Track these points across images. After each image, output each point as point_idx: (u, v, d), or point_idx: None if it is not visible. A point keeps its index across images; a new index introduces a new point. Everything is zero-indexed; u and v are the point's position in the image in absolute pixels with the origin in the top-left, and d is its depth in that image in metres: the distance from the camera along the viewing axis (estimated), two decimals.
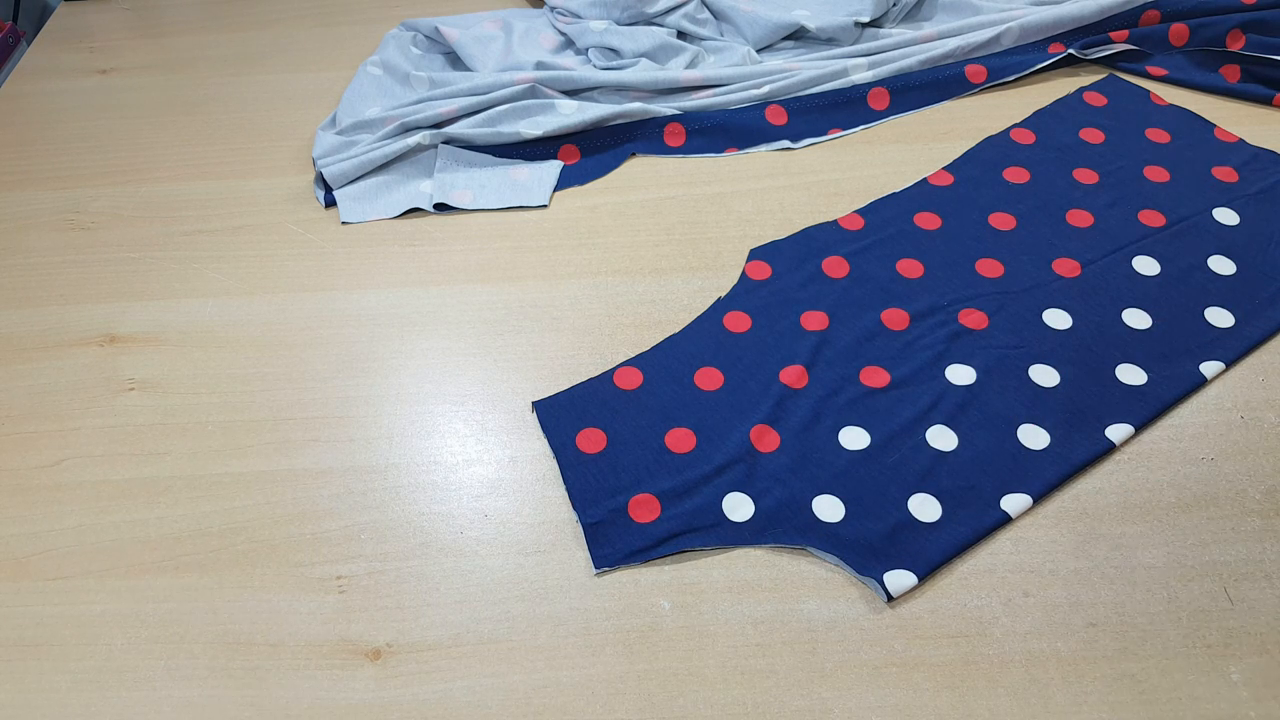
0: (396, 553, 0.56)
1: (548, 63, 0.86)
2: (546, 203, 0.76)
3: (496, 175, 0.79)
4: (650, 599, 0.53)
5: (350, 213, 0.77)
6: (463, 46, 0.89)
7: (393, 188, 0.78)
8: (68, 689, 0.51)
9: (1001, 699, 0.48)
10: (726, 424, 0.60)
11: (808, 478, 0.57)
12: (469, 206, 0.76)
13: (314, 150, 0.81)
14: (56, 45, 1.01)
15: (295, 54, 0.97)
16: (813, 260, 0.70)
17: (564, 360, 0.66)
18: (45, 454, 0.62)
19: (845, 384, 0.61)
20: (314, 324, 0.69)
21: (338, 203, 0.78)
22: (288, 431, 0.62)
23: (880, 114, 0.82)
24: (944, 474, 0.56)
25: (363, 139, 0.81)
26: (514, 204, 0.76)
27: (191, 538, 0.57)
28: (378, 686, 0.50)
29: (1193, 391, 0.60)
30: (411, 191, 0.78)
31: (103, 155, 0.86)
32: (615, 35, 0.87)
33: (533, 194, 0.77)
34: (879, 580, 0.52)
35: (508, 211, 0.77)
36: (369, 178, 0.79)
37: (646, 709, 0.49)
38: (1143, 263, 0.68)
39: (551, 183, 0.78)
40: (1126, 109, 0.81)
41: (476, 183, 0.78)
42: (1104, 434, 0.58)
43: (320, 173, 0.78)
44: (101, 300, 0.72)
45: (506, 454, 0.61)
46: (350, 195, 0.78)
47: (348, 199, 0.77)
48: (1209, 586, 0.52)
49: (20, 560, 0.57)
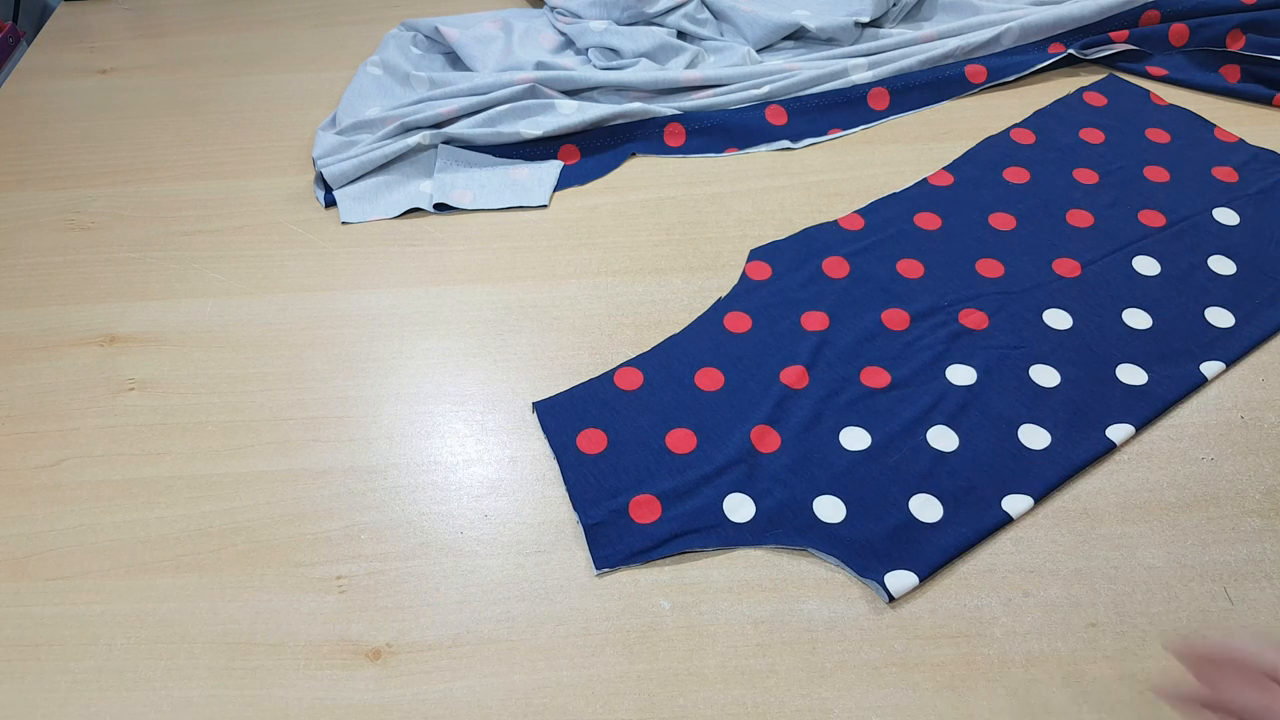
0: (397, 553, 0.56)
1: (548, 63, 0.86)
2: (546, 203, 0.76)
3: (496, 175, 0.79)
4: (650, 599, 0.53)
5: (350, 213, 0.77)
6: (463, 46, 0.89)
7: (393, 188, 0.78)
8: (68, 689, 0.51)
9: (1001, 699, 0.48)
10: (727, 424, 0.60)
11: (808, 478, 0.57)
12: (469, 206, 0.76)
13: (314, 151, 0.81)
14: (56, 45, 1.01)
15: (295, 54, 0.97)
16: (813, 260, 0.70)
17: (564, 360, 0.66)
18: (45, 454, 0.62)
19: (846, 384, 0.61)
20: (314, 324, 0.69)
21: (338, 203, 0.78)
22: (288, 431, 0.62)
23: (880, 114, 0.82)
24: (945, 474, 0.56)
25: (363, 139, 0.81)
26: (514, 204, 0.76)
27: (191, 538, 0.57)
28: (378, 686, 0.50)
29: (1193, 391, 0.60)
30: (411, 192, 0.78)
31: (103, 155, 0.86)
32: (615, 35, 0.87)
33: (533, 194, 0.77)
34: (880, 582, 0.52)
35: (508, 211, 0.77)
36: (369, 178, 0.79)
37: (646, 709, 0.49)
38: (1143, 263, 0.68)
39: (551, 183, 0.78)
40: (1127, 109, 0.81)
41: (476, 183, 0.78)
42: (1105, 434, 0.58)
43: (320, 173, 0.78)
44: (101, 300, 0.72)
45: (506, 454, 0.61)
46: (350, 195, 0.78)
47: (348, 199, 0.77)
48: (1209, 586, 0.52)
49: (20, 560, 0.57)
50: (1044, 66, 0.84)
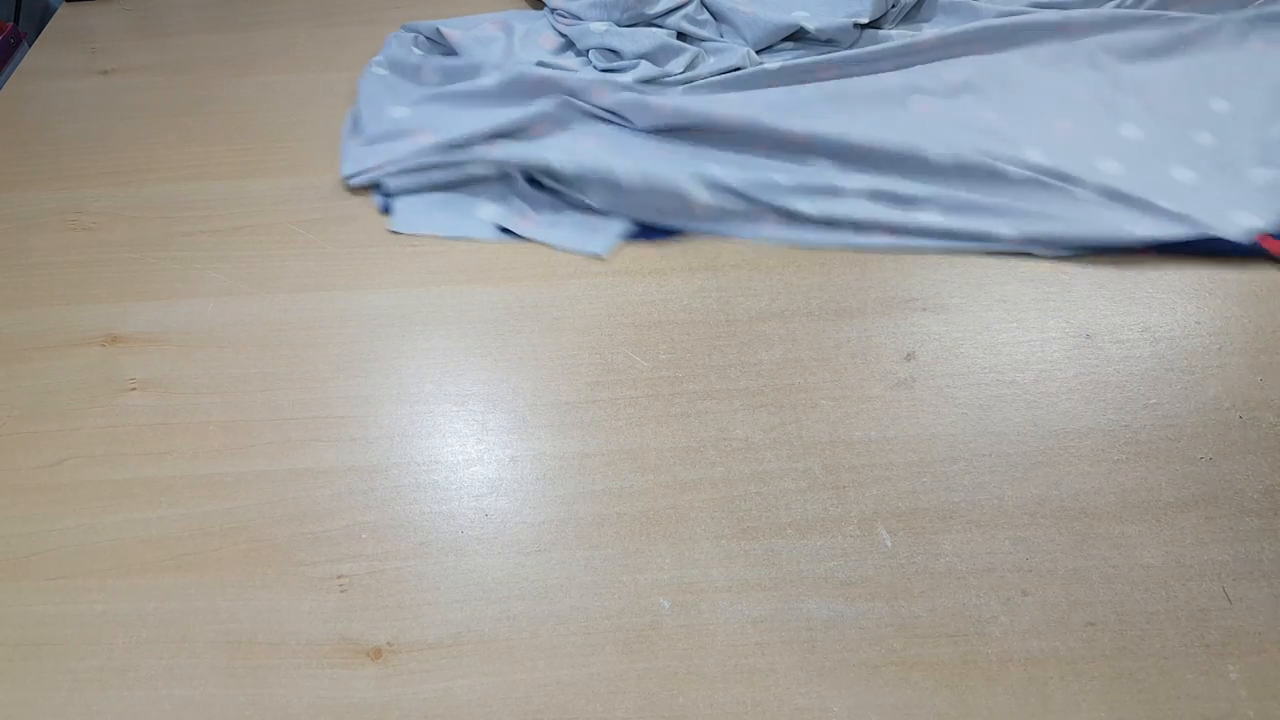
0: (397, 552, 0.56)
1: (549, 63, 0.86)
2: (604, 253, 0.73)
3: (565, 216, 0.76)
4: (650, 598, 0.53)
5: (404, 223, 0.76)
6: (464, 48, 0.89)
7: (449, 206, 0.77)
8: (69, 688, 0.51)
9: (1000, 698, 0.48)
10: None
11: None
12: (529, 236, 0.74)
13: (344, 167, 0.80)
14: (58, 46, 1.01)
15: (295, 54, 0.97)
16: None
17: (564, 360, 0.66)
18: (46, 454, 0.63)
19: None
20: (314, 324, 0.69)
21: (394, 210, 0.77)
22: (288, 431, 0.63)
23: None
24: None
25: (394, 145, 0.80)
26: (574, 246, 0.73)
27: (192, 537, 0.57)
28: (379, 685, 0.50)
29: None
30: (469, 214, 0.76)
31: (104, 156, 0.86)
32: (616, 37, 0.87)
33: (593, 241, 0.74)
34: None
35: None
36: (427, 192, 0.78)
37: (646, 708, 0.49)
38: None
39: (616, 234, 0.74)
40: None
41: (546, 217, 0.75)
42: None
43: (381, 181, 0.77)
44: (103, 300, 0.72)
45: (507, 454, 0.61)
46: (407, 204, 0.77)
47: (405, 208, 0.76)
48: (1207, 586, 0.52)
49: (21, 560, 0.57)
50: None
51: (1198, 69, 0.83)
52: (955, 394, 0.62)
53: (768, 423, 0.61)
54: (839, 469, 0.59)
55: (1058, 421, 0.60)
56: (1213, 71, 0.83)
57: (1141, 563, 0.53)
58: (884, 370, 0.64)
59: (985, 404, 0.62)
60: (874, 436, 0.60)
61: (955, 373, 0.63)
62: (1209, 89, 0.81)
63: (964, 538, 0.55)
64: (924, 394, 0.62)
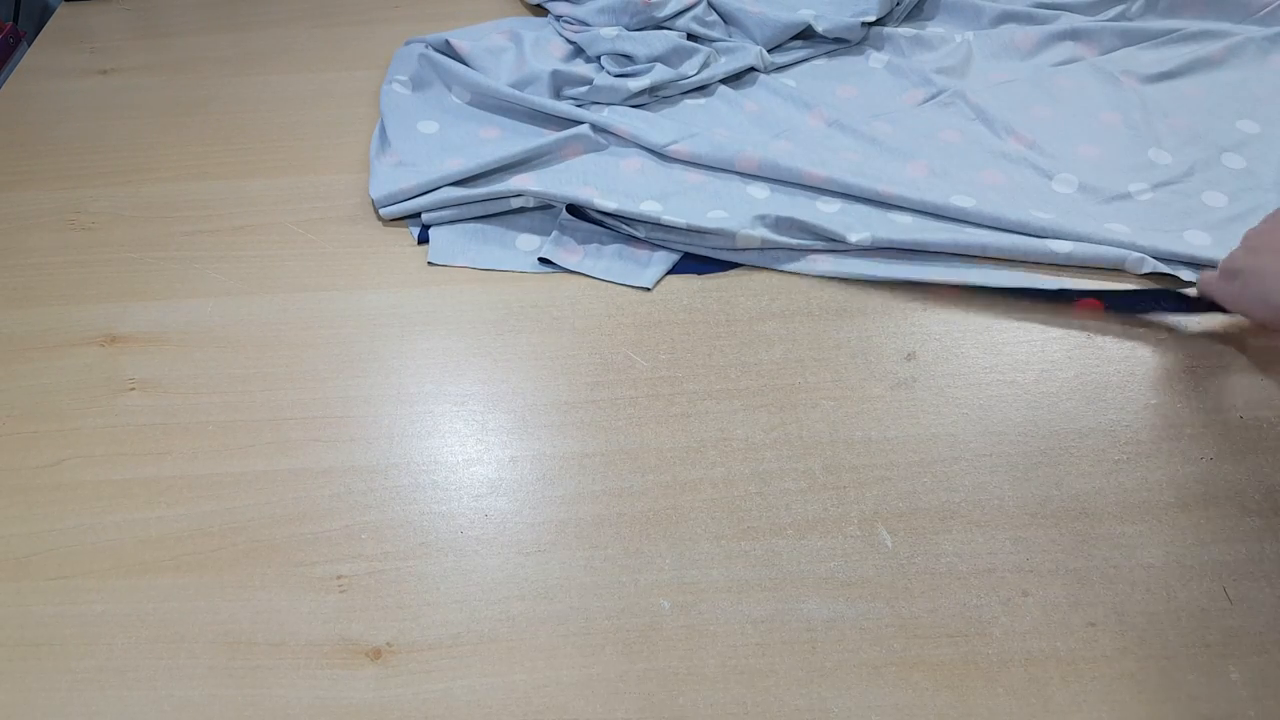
0: (397, 552, 0.56)
1: (563, 71, 0.85)
2: (650, 286, 0.71)
3: (610, 249, 0.74)
4: (650, 599, 0.53)
5: (440, 255, 0.74)
6: (475, 59, 0.88)
7: (487, 238, 0.75)
8: (68, 688, 0.51)
9: (1001, 698, 0.48)
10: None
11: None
12: (574, 268, 0.72)
13: (373, 189, 0.77)
14: (57, 45, 1.01)
15: (295, 54, 0.97)
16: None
17: (564, 360, 0.66)
18: (46, 454, 0.62)
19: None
20: (314, 324, 0.69)
21: (431, 241, 0.74)
22: (288, 431, 0.63)
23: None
24: None
25: (422, 169, 0.79)
26: (619, 279, 0.71)
27: (192, 537, 0.57)
28: (378, 686, 0.50)
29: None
30: (509, 246, 0.74)
31: (103, 156, 0.86)
32: (628, 41, 0.87)
33: (640, 274, 0.71)
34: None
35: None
36: (462, 223, 0.76)
37: (646, 709, 0.49)
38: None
39: (664, 267, 0.72)
40: None
41: (589, 248, 0.73)
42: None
43: (419, 213, 0.76)
44: (102, 300, 0.72)
45: (507, 454, 0.61)
46: (445, 236, 0.75)
47: (441, 239, 0.74)
48: (1208, 586, 0.52)
49: (20, 560, 0.57)
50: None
51: (1224, 88, 0.83)
52: (956, 394, 0.62)
53: (768, 423, 0.61)
54: (839, 469, 0.58)
55: (1058, 421, 0.60)
56: (1239, 90, 0.82)
57: (1142, 563, 0.53)
58: (884, 370, 0.64)
59: (986, 404, 0.62)
60: (874, 436, 0.60)
61: (956, 373, 0.63)
62: (1236, 110, 0.80)
63: (964, 538, 0.55)
64: (924, 394, 0.62)
